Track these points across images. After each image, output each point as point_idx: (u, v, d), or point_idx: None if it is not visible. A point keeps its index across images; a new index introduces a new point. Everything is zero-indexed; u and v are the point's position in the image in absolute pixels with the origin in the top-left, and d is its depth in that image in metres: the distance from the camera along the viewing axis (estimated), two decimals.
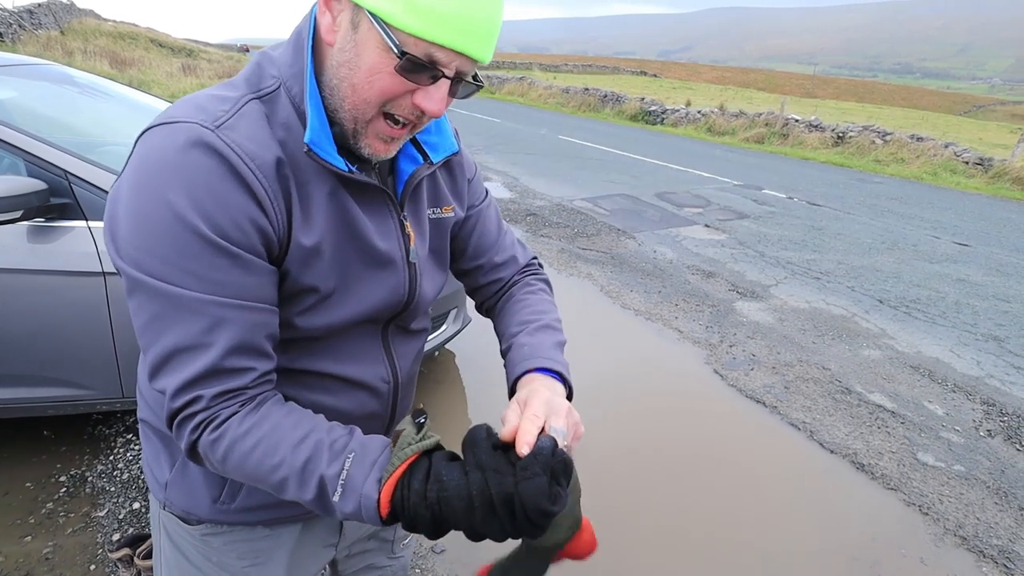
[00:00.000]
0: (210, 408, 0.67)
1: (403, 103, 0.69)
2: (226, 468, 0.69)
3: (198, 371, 0.66)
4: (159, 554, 0.98)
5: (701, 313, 4.28)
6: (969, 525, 2.43)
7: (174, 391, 0.66)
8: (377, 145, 0.73)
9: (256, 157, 0.66)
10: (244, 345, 0.68)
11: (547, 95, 22.17)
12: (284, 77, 0.72)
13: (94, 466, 2.32)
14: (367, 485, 0.65)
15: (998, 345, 4.09)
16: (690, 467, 2.68)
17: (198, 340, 0.65)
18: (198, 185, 0.63)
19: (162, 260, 0.63)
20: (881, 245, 6.32)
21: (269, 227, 0.68)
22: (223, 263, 0.65)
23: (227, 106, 0.68)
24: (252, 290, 0.68)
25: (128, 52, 18.96)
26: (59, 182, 1.95)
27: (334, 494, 0.66)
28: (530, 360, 0.85)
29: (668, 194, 8.06)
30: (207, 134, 0.64)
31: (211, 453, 0.68)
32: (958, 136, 16.02)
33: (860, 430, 3.01)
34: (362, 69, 0.66)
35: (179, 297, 0.64)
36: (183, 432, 0.68)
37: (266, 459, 0.67)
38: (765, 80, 61.68)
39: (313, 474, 0.66)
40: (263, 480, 0.68)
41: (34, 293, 1.94)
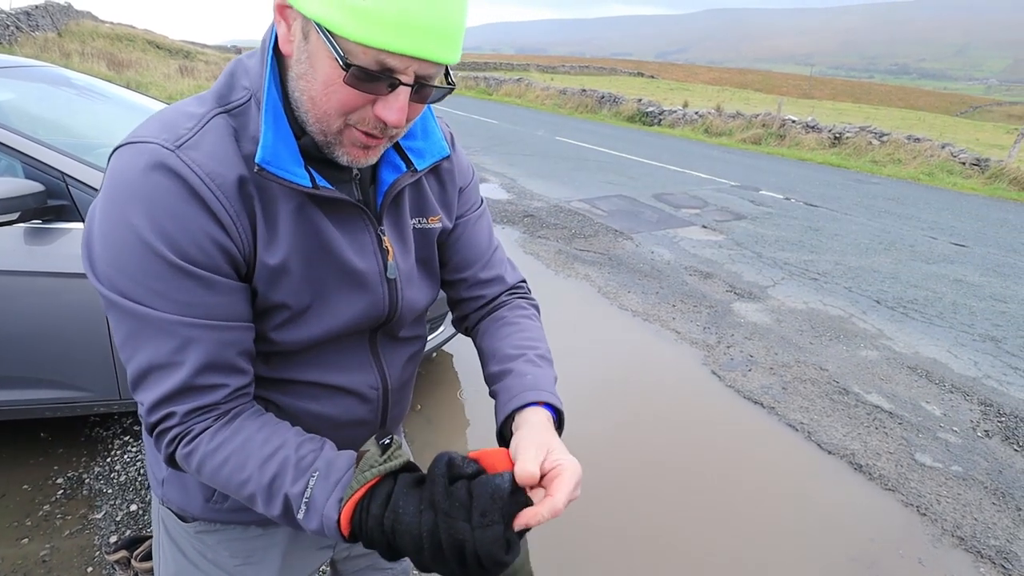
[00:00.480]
0: (183, 423, 0.69)
1: (365, 115, 0.65)
2: (202, 479, 0.72)
3: (170, 389, 0.67)
4: (158, 547, 1.00)
5: (699, 314, 4.29)
6: (967, 525, 2.43)
7: (149, 406, 0.69)
8: (355, 152, 0.69)
9: (216, 176, 0.65)
10: (214, 363, 0.69)
11: (544, 96, 22.18)
12: (254, 88, 0.69)
13: (91, 468, 2.32)
14: (328, 506, 0.66)
15: (995, 346, 4.10)
16: (687, 468, 2.68)
17: (169, 359, 0.67)
18: (159, 208, 0.63)
19: (132, 280, 0.64)
20: (878, 246, 6.33)
21: (233, 247, 0.68)
22: (188, 285, 0.66)
23: (191, 123, 0.66)
24: (220, 309, 0.69)
25: (125, 54, 18.93)
26: (56, 184, 1.95)
27: (298, 512, 0.66)
28: (535, 392, 0.79)
29: (665, 195, 8.07)
30: (167, 156, 0.63)
31: (185, 465, 0.71)
32: (955, 137, 16.06)
33: (858, 431, 3.01)
34: (318, 82, 0.63)
35: (149, 317, 0.65)
36: (160, 444, 0.71)
37: (235, 475, 0.69)
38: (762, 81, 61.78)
39: (279, 492, 0.67)
40: (235, 493, 0.70)
41: (31, 295, 1.93)
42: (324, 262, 0.74)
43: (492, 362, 0.89)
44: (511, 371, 0.84)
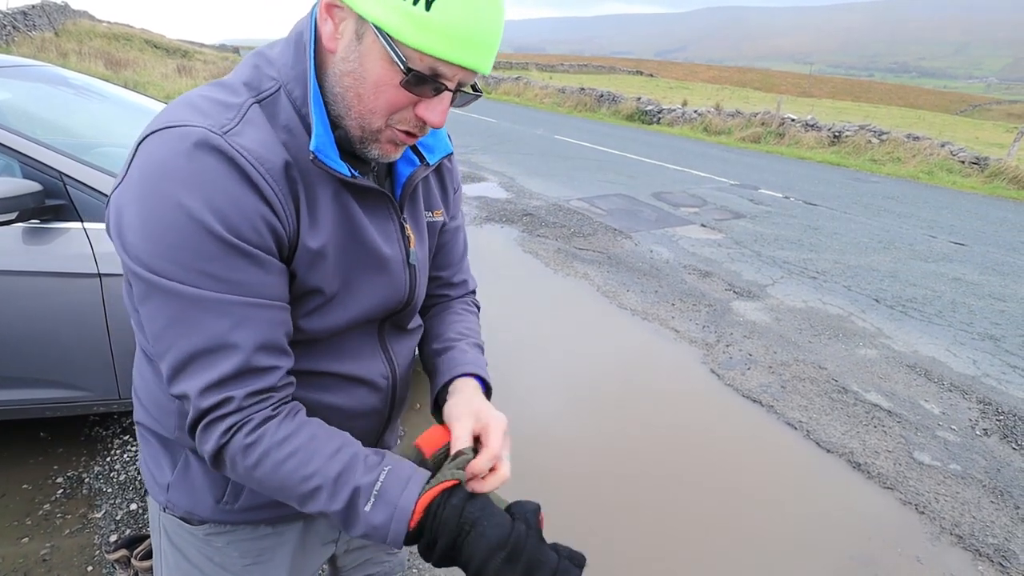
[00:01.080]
0: (243, 409, 0.67)
1: (407, 115, 0.70)
2: (254, 474, 0.69)
3: (228, 371, 0.65)
4: (159, 556, 0.98)
5: (698, 313, 4.29)
6: (965, 524, 2.43)
7: (201, 390, 0.66)
8: (388, 148, 0.74)
9: (266, 161, 0.66)
10: (268, 343, 0.68)
11: (543, 95, 22.17)
12: (284, 79, 0.71)
13: (91, 468, 2.32)
14: (403, 497, 0.68)
15: (994, 344, 4.11)
16: (686, 467, 2.69)
17: (223, 340, 0.65)
18: (211, 187, 0.63)
19: (179, 264, 0.63)
20: (877, 244, 6.34)
21: (280, 228, 0.69)
22: (241, 263, 0.65)
23: (231, 113, 0.67)
24: (270, 288, 0.69)
25: (123, 53, 18.91)
26: (54, 184, 1.95)
27: (366, 503, 0.67)
28: (472, 366, 0.92)
29: (664, 194, 8.07)
30: (215, 138, 0.64)
31: (241, 458, 0.68)
32: (954, 135, 16.07)
33: (856, 429, 3.02)
34: (368, 81, 0.67)
35: (199, 298, 0.64)
36: (210, 435, 0.67)
37: (300, 468, 0.68)
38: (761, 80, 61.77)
39: (347, 484, 0.68)
40: (290, 489, 0.69)
41: (30, 295, 1.93)
42: (355, 248, 0.77)
43: (435, 341, 0.99)
44: (452, 348, 0.95)
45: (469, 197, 7.10)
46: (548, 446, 2.70)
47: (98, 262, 1.95)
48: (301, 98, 0.71)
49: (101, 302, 1.98)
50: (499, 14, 0.67)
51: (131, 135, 2.84)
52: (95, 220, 1.98)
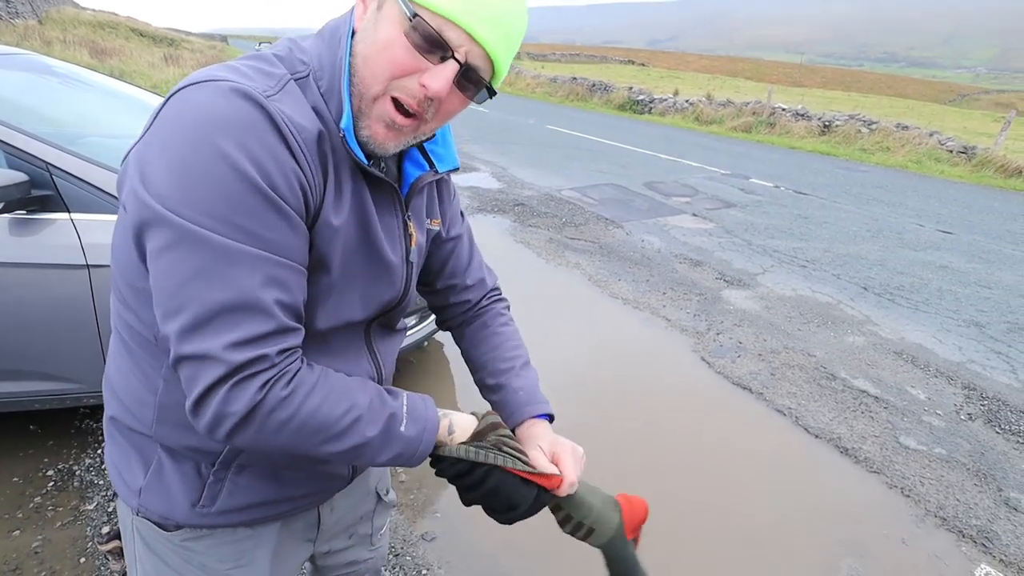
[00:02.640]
0: (277, 365, 0.66)
1: (409, 84, 0.68)
2: (289, 425, 0.67)
3: (263, 329, 0.64)
4: (134, 561, 0.93)
5: (689, 302, 4.32)
6: (950, 506, 2.48)
7: (230, 345, 0.62)
8: (377, 128, 0.71)
9: (303, 129, 0.67)
10: (293, 305, 0.68)
11: (535, 84, 22.09)
12: (314, 67, 0.73)
13: (82, 460, 2.31)
14: (428, 412, 0.80)
15: (979, 331, 4.16)
16: (677, 454, 2.71)
17: (255, 297, 0.63)
18: (252, 138, 0.62)
19: (214, 213, 0.61)
20: (866, 233, 6.38)
21: (310, 193, 0.69)
22: (276, 221, 0.64)
23: (272, 81, 0.68)
24: (297, 252, 0.68)
25: (108, 42, 18.62)
26: (40, 174, 1.93)
27: (400, 424, 0.75)
28: (530, 406, 0.98)
29: (656, 183, 8.08)
30: (259, 97, 0.64)
31: (277, 413, 0.66)
32: (943, 125, 16.16)
33: (844, 415, 3.06)
34: (377, 43, 0.68)
35: (232, 251, 0.62)
36: (243, 393, 0.63)
37: (339, 403, 0.71)
38: (752, 69, 61.76)
39: (382, 411, 0.75)
40: (327, 427, 0.70)
41: (17, 287, 1.92)
42: (363, 236, 0.78)
43: (484, 374, 1.04)
44: (504, 387, 1.00)
45: (461, 187, 7.09)
46: None
47: (86, 253, 1.93)
48: (327, 88, 0.72)
49: (89, 293, 1.97)
50: (522, 4, 0.69)
51: (118, 124, 2.81)
52: (82, 211, 1.96)
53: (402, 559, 2.04)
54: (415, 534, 2.14)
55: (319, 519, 1.01)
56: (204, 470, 0.82)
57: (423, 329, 2.83)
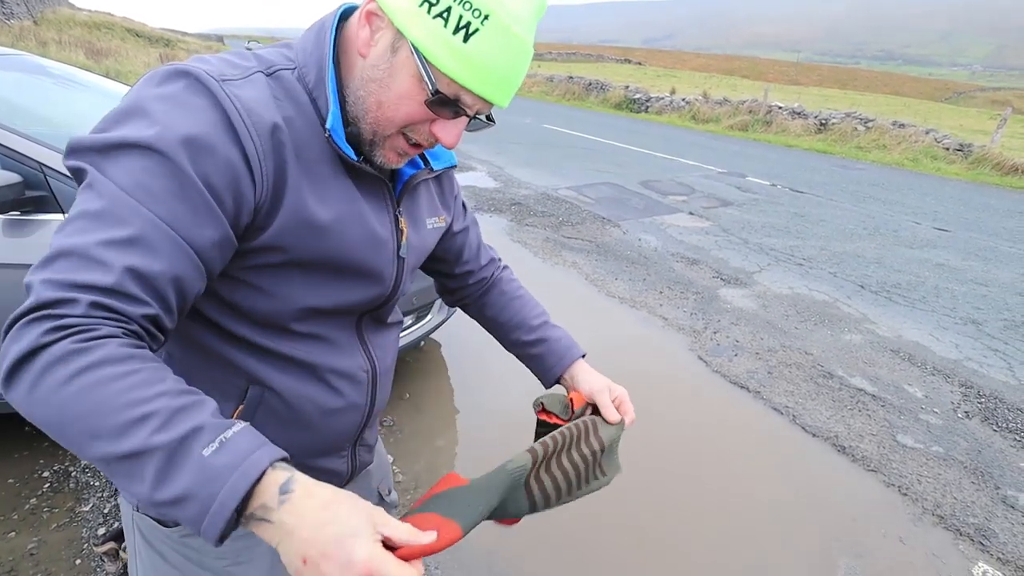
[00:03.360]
0: (86, 317, 0.56)
1: (422, 129, 0.74)
2: (64, 390, 0.53)
3: (87, 279, 0.56)
4: (135, 556, 0.95)
5: (685, 300, 4.32)
6: (947, 504, 2.48)
7: (48, 282, 0.56)
8: (391, 156, 0.77)
9: (255, 115, 0.66)
10: (151, 278, 0.60)
11: (531, 84, 22.08)
12: (300, 62, 0.74)
13: (77, 461, 2.31)
14: (260, 452, 0.54)
15: (976, 328, 4.17)
16: (674, 453, 2.71)
17: (104, 250, 0.58)
18: (190, 121, 0.63)
19: (122, 167, 0.60)
20: (863, 231, 6.39)
21: (250, 187, 0.66)
22: (183, 194, 0.61)
23: (237, 71, 0.69)
24: (197, 238, 0.63)
25: (104, 42, 18.56)
26: (34, 175, 1.92)
27: (206, 448, 0.53)
28: (572, 350, 1.11)
29: (653, 182, 8.08)
30: (211, 82, 0.64)
31: (58, 366, 0.53)
32: (939, 122, 16.18)
33: (841, 413, 3.06)
34: (392, 91, 0.70)
35: (117, 199, 0.59)
36: (30, 331, 0.54)
37: (133, 391, 0.54)
38: (749, 68, 61.82)
39: (188, 419, 0.54)
40: (104, 415, 0.53)
41: (11, 288, 1.90)
42: (354, 228, 0.78)
43: (521, 332, 1.12)
44: (546, 340, 1.11)
45: None
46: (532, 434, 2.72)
47: None
48: (314, 81, 0.73)
49: None
50: (528, 58, 0.72)
51: None
52: None
53: None
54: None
55: None
56: None
57: (420, 329, 2.83)
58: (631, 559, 2.12)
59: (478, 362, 3.30)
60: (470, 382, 3.14)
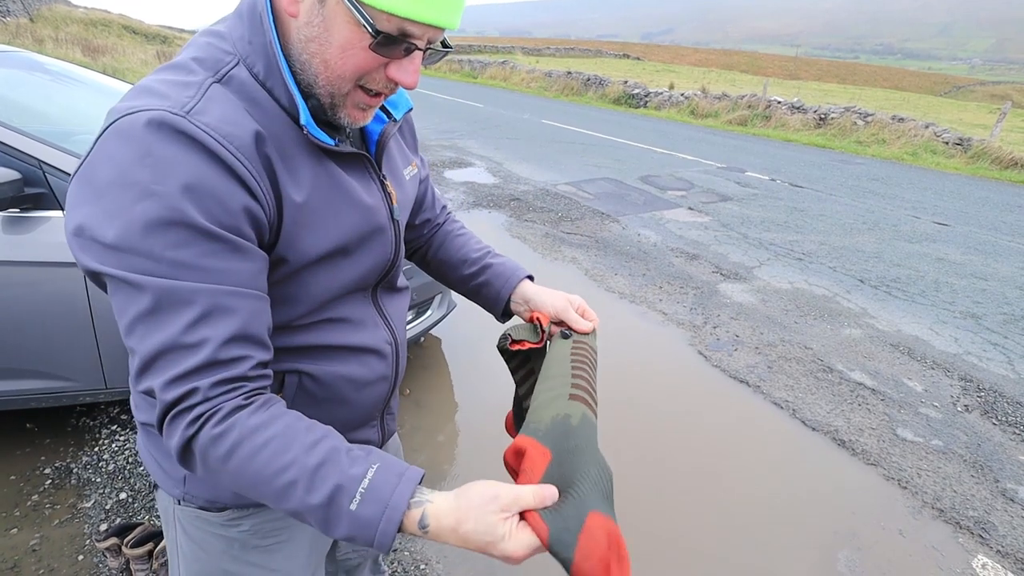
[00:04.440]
0: (210, 399, 0.63)
1: (377, 76, 0.70)
2: (227, 467, 0.63)
3: (194, 363, 0.62)
4: (176, 552, 0.96)
5: (685, 295, 4.32)
6: (946, 498, 2.49)
7: (164, 384, 0.62)
8: (355, 114, 0.74)
9: (234, 138, 0.64)
10: (241, 334, 0.65)
11: (529, 79, 22.02)
12: (242, 53, 0.70)
13: (79, 457, 2.31)
14: (396, 495, 0.61)
15: (976, 322, 4.17)
16: (675, 447, 2.72)
17: (191, 333, 0.62)
18: (181, 174, 0.60)
19: (150, 254, 0.60)
20: (862, 226, 6.39)
21: (259, 208, 0.67)
22: (218, 249, 0.63)
23: (191, 91, 0.65)
24: (248, 277, 0.66)
25: (101, 39, 18.49)
26: (33, 172, 1.92)
27: (352, 501, 0.61)
28: (518, 270, 1.08)
29: (652, 177, 8.07)
30: (179, 121, 0.61)
31: (212, 449, 0.63)
32: (938, 117, 16.18)
33: (841, 408, 3.06)
34: (333, 45, 0.66)
35: (171, 289, 0.61)
36: (176, 428, 0.63)
37: (276, 458, 0.62)
38: (748, 62, 61.67)
39: (328, 476, 0.61)
40: (264, 483, 0.63)
41: (11, 285, 1.91)
42: (346, 208, 0.77)
43: (464, 265, 1.10)
44: (490, 265, 1.09)
45: (456, 183, 7.07)
46: None
47: None
48: (264, 71, 0.69)
49: (85, 291, 1.96)
50: None
51: None
52: None
53: (400, 554, 2.04)
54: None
55: None
56: None
57: (420, 324, 2.83)
58: (632, 552, 2.13)
59: (478, 357, 3.30)
60: (470, 377, 3.14)
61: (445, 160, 8.22)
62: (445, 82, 22.10)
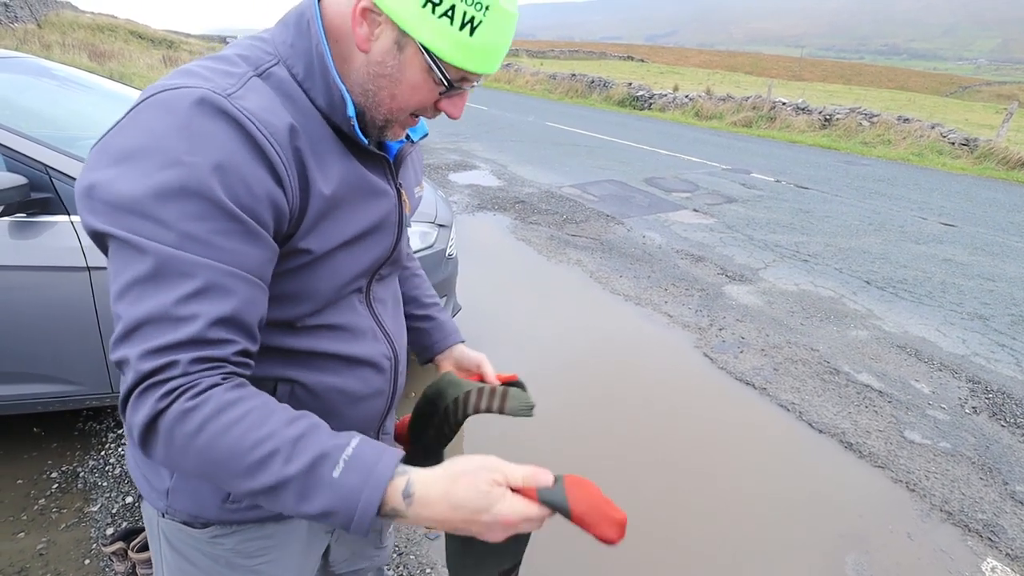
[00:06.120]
0: (188, 375, 0.61)
1: (428, 108, 0.79)
2: (194, 443, 0.60)
3: (179, 337, 0.60)
4: (160, 564, 0.95)
5: (690, 297, 4.31)
6: (955, 500, 2.47)
7: (143, 354, 0.60)
8: (399, 132, 0.82)
9: (270, 125, 0.66)
10: (233, 318, 0.64)
11: (534, 81, 22.04)
12: (283, 55, 0.73)
13: (86, 462, 2.32)
14: (382, 464, 0.61)
15: (983, 324, 4.14)
16: (681, 450, 2.71)
17: (183, 306, 0.61)
18: (214, 148, 0.62)
19: (160, 222, 0.60)
20: (868, 227, 6.36)
21: (283, 199, 0.68)
22: (232, 230, 0.63)
23: (233, 80, 0.68)
24: (255, 264, 0.66)
25: (107, 44, 18.61)
26: (40, 177, 1.93)
27: (334, 469, 0.60)
28: (457, 333, 1.18)
29: (656, 179, 8.06)
30: (221, 100, 0.63)
31: (180, 425, 0.60)
32: (944, 117, 16.09)
33: (848, 410, 3.05)
34: (404, 84, 0.73)
35: (173, 258, 0.60)
36: (145, 401, 0.60)
37: (252, 432, 0.60)
38: (752, 63, 61.54)
39: (309, 447, 0.61)
40: (236, 458, 0.60)
41: (18, 290, 1.92)
42: (370, 199, 0.81)
43: (414, 306, 1.15)
44: (435, 318, 1.17)
45: (461, 185, 7.08)
46: (542, 431, 2.71)
47: (86, 255, 1.93)
48: (304, 72, 0.73)
49: (91, 295, 1.97)
50: (515, 25, 0.76)
51: None
52: None
53: (406, 558, 2.04)
54: (418, 533, 2.14)
55: None
56: None
57: None
58: (638, 555, 2.12)
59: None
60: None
61: (450, 163, 8.23)
62: None
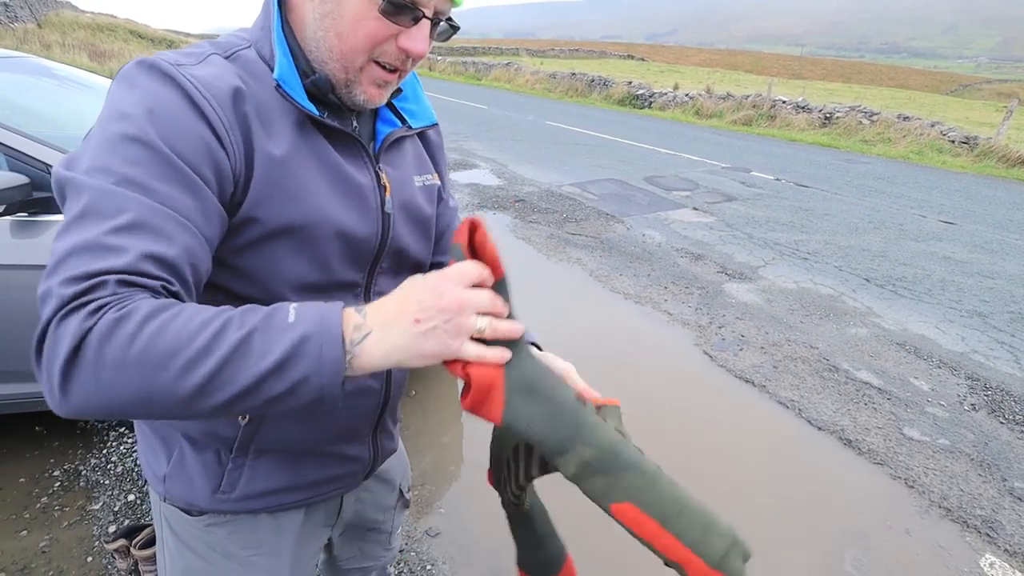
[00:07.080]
0: (117, 294, 0.55)
1: (389, 48, 0.72)
2: (131, 348, 0.52)
3: (106, 266, 0.55)
4: (162, 546, 0.97)
5: (690, 295, 4.31)
6: (953, 497, 2.48)
7: (65, 280, 0.54)
8: (372, 91, 0.76)
9: (212, 88, 0.67)
10: (166, 259, 0.59)
11: (534, 81, 22.04)
12: (254, 39, 0.75)
13: (88, 460, 2.33)
14: (332, 304, 0.59)
15: (982, 321, 4.15)
16: (681, 447, 2.72)
17: (113, 236, 0.57)
18: (149, 99, 0.64)
19: (105, 168, 0.60)
20: (868, 225, 6.37)
21: (223, 155, 0.66)
22: (167, 173, 0.61)
23: (192, 59, 0.70)
24: (189, 210, 0.62)
25: (107, 44, 18.62)
26: (42, 176, 1.94)
27: (288, 316, 0.57)
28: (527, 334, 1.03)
29: (656, 178, 8.07)
30: (168, 67, 0.66)
31: (111, 339, 0.52)
32: (944, 115, 16.10)
33: (847, 407, 3.06)
34: (346, 17, 0.69)
35: (107, 193, 0.58)
36: (69, 324, 0.52)
37: (196, 317, 0.55)
38: (752, 62, 61.49)
39: (256, 312, 0.57)
40: (183, 346, 0.53)
41: (19, 289, 1.92)
42: (330, 179, 0.76)
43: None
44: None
45: (461, 184, 7.09)
46: None
47: None
48: (269, 51, 0.73)
49: None
50: None
51: None
52: None
53: (407, 555, 2.05)
54: (419, 530, 2.15)
55: (340, 507, 1.03)
56: (223, 456, 0.84)
57: None
58: (638, 554, 2.13)
59: None
60: None
61: (450, 162, 8.21)
62: (450, 84, 22.14)
